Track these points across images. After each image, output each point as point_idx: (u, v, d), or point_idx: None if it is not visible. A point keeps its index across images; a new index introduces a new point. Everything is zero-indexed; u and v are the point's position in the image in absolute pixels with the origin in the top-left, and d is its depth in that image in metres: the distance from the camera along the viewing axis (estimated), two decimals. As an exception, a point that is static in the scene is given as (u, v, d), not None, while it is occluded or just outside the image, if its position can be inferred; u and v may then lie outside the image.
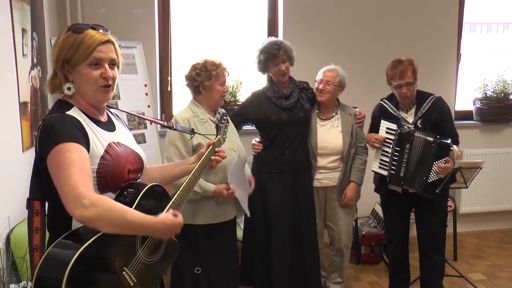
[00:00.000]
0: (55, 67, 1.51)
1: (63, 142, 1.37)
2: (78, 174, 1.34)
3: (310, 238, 3.06)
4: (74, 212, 1.30)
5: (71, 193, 1.31)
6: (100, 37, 1.49)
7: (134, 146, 1.67)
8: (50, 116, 1.45)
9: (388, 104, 3.04)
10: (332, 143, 3.07)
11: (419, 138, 2.84)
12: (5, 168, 2.27)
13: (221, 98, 2.65)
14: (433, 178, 2.83)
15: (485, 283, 3.58)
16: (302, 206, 3.02)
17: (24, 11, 2.60)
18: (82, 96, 1.52)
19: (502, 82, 4.48)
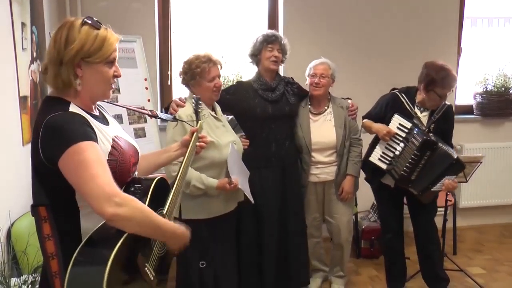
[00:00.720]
0: (65, 61, 1.40)
1: (79, 141, 1.32)
2: (104, 173, 1.32)
3: (297, 233, 3.07)
4: (106, 210, 1.27)
5: (101, 192, 1.28)
6: (116, 36, 1.48)
7: (129, 137, 1.64)
8: (52, 115, 1.35)
9: (405, 99, 2.99)
10: (326, 137, 3.07)
11: (441, 149, 2.83)
12: (5, 162, 2.27)
13: (214, 94, 2.59)
14: (437, 189, 2.89)
15: (484, 277, 3.59)
16: (290, 200, 3.02)
17: (24, 5, 2.59)
18: (87, 92, 1.46)
19: (502, 76, 4.48)
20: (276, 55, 2.93)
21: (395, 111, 2.95)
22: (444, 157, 2.85)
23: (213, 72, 2.56)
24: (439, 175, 2.87)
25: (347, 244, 3.26)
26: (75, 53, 1.39)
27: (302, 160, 3.10)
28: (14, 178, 2.40)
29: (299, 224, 3.09)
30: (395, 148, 2.92)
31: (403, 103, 2.98)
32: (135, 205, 1.33)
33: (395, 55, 4.29)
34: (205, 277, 2.60)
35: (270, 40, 2.94)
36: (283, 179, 3.00)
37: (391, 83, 4.07)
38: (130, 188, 1.51)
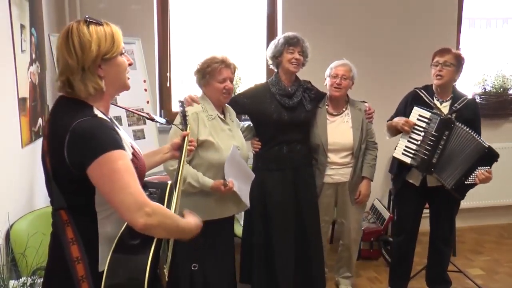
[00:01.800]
0: (88, 66, 1.39)
1: (111, 150, 1.32)
2: (135, 182, 1.34)
3: (314, 236, 3.05)
4: (137, 220, 1.30)
5: (134, 202, 1.30)
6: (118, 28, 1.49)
7: (133, 142, 1.63)
8: (82, 120, 1.34)
9: (423, 92, 3.01)
10: (342, 139, 3.06)
11: (460, 128, 2.80)
12: (4, 164, 2.26)
13: (223, 96, 2.58)
14: (471, 181, 2.83)
15: (484, 278, 3.59)
16: (304, 203, 3.00)
17: (23, 6, 2.59)
18: (110, 90, 1.46)
19: (501, 77, 4.49)
20: (297, 57, 2.92)
21: (414, 105, 2.95)
22: (468, 140, 2.80)
23: (225, 73, 2.55)
24: (471, 166, 2.81)
25: (356, 244, 3.26)
26: (96, 55, 1.39)
27: (318, 160, 3.09)
28: (13, 180, 2.40)
29: (315, 226, 3.07)
30: (416, 139, 2.89)
31: (422, 97, 2.99)
32: (163, 213, 1.39)
33: (394, 56, 4.29)
34: (195, 281, 2.58)
35: (291, 42, 2.92)
36: (296, 181, 2.99)
37: (389, 84, 4.08)
38: (145, 193, 1.48)
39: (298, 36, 2.98)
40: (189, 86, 4.29)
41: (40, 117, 2.86)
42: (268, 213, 2.93)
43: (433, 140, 2.82)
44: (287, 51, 2.92)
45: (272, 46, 2.99)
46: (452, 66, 2.90)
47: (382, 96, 4.17)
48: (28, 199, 2.61)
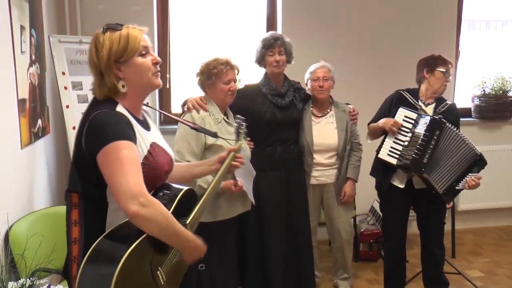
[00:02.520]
0: (103, 69, 1.50)
1: (119, 140, 1.40)
2: (137, 173, 1.39)
3: (304, 236, 3.06)
4: (129, 207, 1.34)
5: (129, 189, 1.35)
6: (139, 29, 1.56)
7: (166, 146, 1.69)
8: (99, 112, 1.45)
9: (408, 94, 3.03)
10: (327, 139, 3.08)
11: (451, 130, 2.82)
12: (3, 165, 2.26)
13: (228, 97, 2.60)
14: (461, 187, 2.84)
15: (483, 280, 3.59)
16: (296, 204, 3.01)
17: (23, 8, 2.59)
18: (134, 90, 1.54)
19: (500, 79, 4.49)
20: (277, 59, 2.91)
21: (399, 106, 2.96)
22: (460, 144, 2.82)
23: (230, 75, 2.57)
24: (463, 171, 2.82)
25: (348, 245, 3.26)
26: (107, 58, 1.49)
27: (304, 162, 3.10)
28: (12, 181, 2.40)
29: (305, 226, 3.08)
30: (402, 140, 2.88)
31: (407, 99, 3.01)
32: (158, 209, 1.39)
33: (394, 58, 4.30)
34: (203, 279, 2.59)
35: (268, 45, 2.93)
36: (288, 181, 2.99)
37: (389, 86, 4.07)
38: (159, 193, 1.55)
39: (274, 35, 2.96)
40: (188, 88, 4.30)
41: (39, 118, 2.86)
42: (261, 213, 2.92)
43: (424, 140, 2.82)
44: (267, 54, 2.93)
45: (255, 51, 3.01)
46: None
47: (381, 98, 4.16)
48: (27, 200, 2.61)
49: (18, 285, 1.95)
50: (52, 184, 3.16)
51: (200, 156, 2.49)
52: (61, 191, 3.40)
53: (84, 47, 3.24)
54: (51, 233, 2.39)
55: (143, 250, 1.40)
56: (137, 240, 1.37)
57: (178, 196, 1.57)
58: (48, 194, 3.06)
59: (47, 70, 3.16)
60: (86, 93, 3.18)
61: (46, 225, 2.47)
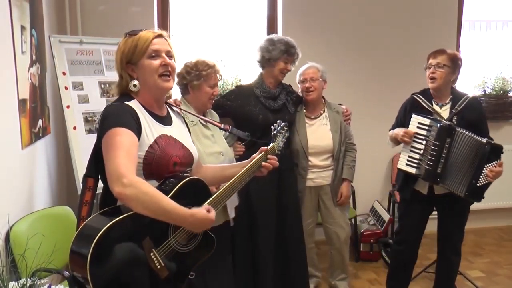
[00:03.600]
0: (119, 70, 1.68)
1: (116, 127, 1.53)
2: (124, 156, 1.48)
3: (295, 239, 3.03)
4: (114, 188, 1.44)
5: (115, 171, 1.45)
6: (153, 33, 1.67)
7: (187, 143, 1.77)
8: (110, 104, 1.66)
9: (421, 98, 2.90)
10: (322, 141, 3.08)
11: (462, 134, 2.70)
12: (4, 165, 2.27)
13: (209, 100, 2.60)
14: (483, 182, 2.73)
15: (483, 280, 3.59)
16: (287, 206, 2.99)
17: (23, 8, 2.59)
18: (146, 89, 1.67)
19: (501, 79, 4.49)
20: (289, 68, 2.94)
21: (413, 112, 2.86)
22: (472, 144, 2.69)
23: (215, 79, 2.59)
24: (478, 167, 2.70)
25: (346, 245, 3.25)
26: (119, 60, 1.67)
27: (299, 165, 3.09)
28: (13, 181, 2.40)
29: (298, 230, 3.06)
30: (419, 148, 2.79)
31: (420, 103, 2.88)
32: (141, 188, 1.45)
33: (394, 58, 4.30)
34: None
35: (291, 52, 2.91)
36: (279, 184, 2.97)
37: (389, 86, 4.08)
38: (165, 181, 1.64)
39: (296, 45, 2.96)
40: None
41: (40, 119, 2.86)
42: (251, 216, 2.90)
43: (435, 149, 2.72)
44: (283, 59, 2.91)
45: (268, 47, 2.93)
46: (446, 67, 2.80)
47: (382, 99, 4.18)
48: (28, 201, 2.61)
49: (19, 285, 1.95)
50: (52, 184, 3.16)
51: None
52: (61, 191, 3.41)
53: (84, 47, 3.24)
54: (52, 233, 2.40)
55: (132, 227, 1.47)
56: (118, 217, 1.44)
57: (180, 183, 1.61)
58: (49, 194, 3.06)
59: (48, 70, 3.16)
60: (86, 93, 3.18)
61: (47, 225, 2.47)
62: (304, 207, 3.13)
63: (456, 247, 3.00)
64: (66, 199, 3.51)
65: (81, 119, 3.12)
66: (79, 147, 3.03)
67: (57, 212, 2.68)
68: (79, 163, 3.00)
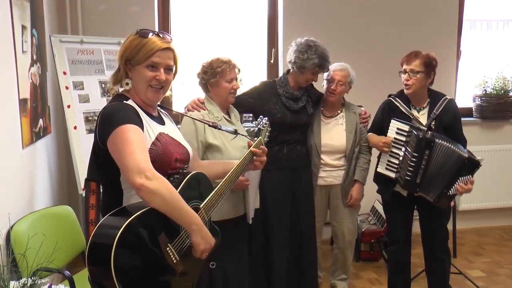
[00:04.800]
0: (120, 63, 1.68)
1: (125, 124, 1.52)
2: (142, 151, 1.50)
3: (308, 236, 3.05)
4: (136, 180, 1.44)
5: (136, 166, 1.45)
6: (160, 44, 1.65)
7: (182, 140, 1.81)
8: (110, 104, 1.63)
9: (399, 101, 2.89)
10: (336, 141, 3.06)
11: (441, 145, 2.68)
12: (4, 165, 2.27)
13: (230, 95, 2.61)
14: (452, 193, 2.74)
15: (484, 280, 3.58)
16: (301, 204, 3.00)
17: (24, 7, 2.60)
18: (136, 92, 1.69)
19: (502, 79, 4.49)
20: (315, 80, 2.97)
21: (391, 116, 2.86)
22: (451, 155, 2.68)
23: (232, 74, 2.60)
24: (452, 178, 2.71)
25: (350, 246, 3.25)
26: (120, 56, 1.67)
27: (312, 162, 3.09)
28: (13, 180, 2.40)
29: (310, 227, 3.06)
30: (398, 154, 2.81)
31: (397, 106, 2.88)
32: (163, 183, 1.48)
33: (395, 58, 4.25)
34: (215, 278, 2.59)
35: (324, 66, 2.91)
36: (294, 182, 2.98)
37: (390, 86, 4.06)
38: (170, 178, 1.64)
39: (328, 58, 2.93)
40: (189, 88, 4.30)
41: (40, 118, 2.86)
42: (265, 213, 2.92)
43: (413, 161, 2.71)
44: (313, 71, 2.89)
45: (303, 53, 2.89)
46: (420, 73, 2.76)
47: (382, 99, 4.16)
48: (28, 200, 2.62)
49: (19, 284, 1.95)
50: (53, 184, 3.16)
51: (202, 155, 2.50)
52: (62, 191, 3.41)
53: (85, 47, 3.25)
54: (52, 233, 2.40)
55: (148, 223, 1.47)
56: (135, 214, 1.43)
57: (186, 179, 1.64)
58: (49, 193, 3.06)
59: (48, 70, 3.16)
60: (87, 93, 3.19)
61: (47, 225, 2.47)
62: (314, 205, 3.13)
63: (444, 245, 3.01)
64: (67, 199, 3.51)
65: (82, 119, 3.12)
66: (79, 147, 3.03)
67: (58, 212, 2.68)
68: (80, 163, 3.00)
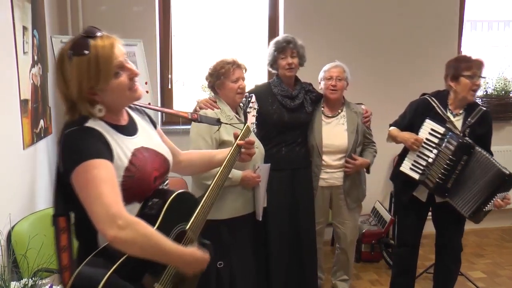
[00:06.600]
0: (76, 100, 1.38)
1: (88, 159, 1.30)
2: (110, 192, 1.29)
3: (308, 237, 3.04)
4: (107, 232, 1.25)
5: (104, 213, 1.25)
6: (109, 42, 1.39)
7: (158, 146, 1.57)
8: (71, 129, 1.36)
9: (436, 102, 2.81)
10: (337, 140, 3.05)
11: (480, 154, 2.64)
12: (5, 166, 2.27)
13: (238, 95, 2.62)
14: (488, 208, 2.69)
15: (485, 281, 3.58)
16: (301, 205, 3.00)
17: (25, 8, 2.60)
18: (112, 108, 1.43)
19: (502, 79, 4.49)
20: (289, 62, 2.91)
21: (425, 116, 2.77)
22: (490, 167, 2.63)
23: (237, 73, 2.61)
24: (490, 193, 2.65)
25: (352, 247, 3.26)
26: (77, 91, 1.37)
27: (313, 162, 3.08)
28: (14, 181, 2.40)
29: (310, 227, 3.06)
30: (427, 155, 2.74)
31: (434, 107, 2.79)
32: (139, 229, 1.29)
33: (396, 59, 4.30)
34: (223, 277, 2.59)
35: (280, 48, 2.92)
36: (293, 182, 2.98)
37: (391, 86, 4.07)
38: (148, 203, 1.46)
39: (287, 38, 2.96)
40: (190, 88, 4.31)
41: (41, 119, 2.86)
42: (265, 215, 2.91)
43: (450, 164, 2.66)
44: (279, 57, 2.93)
45: (267, 54, 3.01)
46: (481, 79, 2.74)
47: (383, 99, 4.18)
48: (29, 201, 2.62)
49: (20, 285, 1.95)
50: (54, 185, 3.16)
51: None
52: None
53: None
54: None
55: (126, 269, 1.31)
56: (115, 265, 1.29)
57: (167, 203, 1.44)
58: (50, 194, 3.06)
59: (49, 71, 3.16)
60: (88, 94, 3.19)
61: (48, 225, 2.44)
62: (316, 206, 3.12)
63: (457, 255, 2.98)
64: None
65: (83, 119, 3.12)
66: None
67: (59, 212, 2.68)
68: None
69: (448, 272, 3.02)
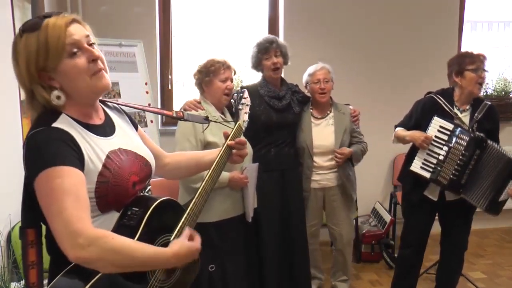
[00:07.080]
0: (27, 85, 1.23)
1: (51, 166, 1.14)
2: (72, 206, 1.12)
3: (299, 239, 3.03)
4: (68, 252, 1.10)
5: (64, 230, 1.10)
6: (63, 20, 1.22)
7: (138, 147, 1.41)
8: (36, 130, 1.19)
9: (442, 100, 2.80)
10: (326, 141, 3.06)
11: (493, 148, 2.66)
12: (5, 166, 2.27)
13: (224, 96, 2.60)
14: (503, 198, 2.68)
15: (485, 281, 3.58)
16: (291, 205, 2.99)
17: (25, 9, 2.60)
18: (75, 98, 1.26)
19: (502, 80, 4.50)
20: (274, 61, 2.90)
21: (433, 114, 2.76)
22: (501, 158, 2.65)
23: (227, 73, 2.60)
24: (503, 182, 2.65)
25: (349, 247, 3.25)
26: (26, 70, 1.22)
27: (304, 164, 3.09)
28: (14, 182, 2.40)
29: (301, 228, 3.05)
30: (437, 153, 2.72)
31: (441, 105, 2.79)
32: (104, 245, 1.12)
33: (396, 60, 4.30)
34: (215, 281, 2.58)
35: (263, 49, 2.92)
36: (283, 184, 2.97)
37: (391, 87, 4.07)
38: (128, 212, 1.31)
39: (269, 39, 2.95)
40: (190, 89, 4.30)
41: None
42: (256, 216, 2.90)
43: (463, 160, 2.65)
44: (263, 58, 2.93)
45: (250, 57, 3.00)
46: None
47: (383, 99, 4.18)
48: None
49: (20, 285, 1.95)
50: (54, 185, 3.16)
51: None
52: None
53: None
54: (53, 234, 2.39)
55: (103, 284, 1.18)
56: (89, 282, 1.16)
57: (148, 212, 1.29)
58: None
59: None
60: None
61: (48, 226, 2.47)
62: (310, 208, 3.12)
63: (462, 254, 2.99)
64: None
65: (83, 120, 3.12)
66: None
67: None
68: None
69: (452, 273, 3.02)
